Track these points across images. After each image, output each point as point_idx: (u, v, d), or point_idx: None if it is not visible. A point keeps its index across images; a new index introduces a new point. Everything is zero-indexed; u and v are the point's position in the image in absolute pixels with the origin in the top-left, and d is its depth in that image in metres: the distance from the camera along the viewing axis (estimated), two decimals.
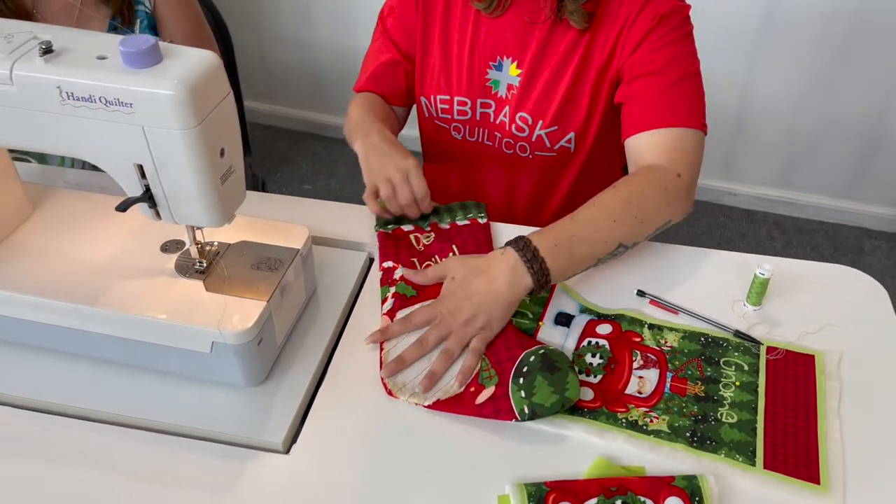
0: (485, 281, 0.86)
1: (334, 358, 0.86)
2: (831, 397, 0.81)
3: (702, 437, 0.77)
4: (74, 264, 0.84)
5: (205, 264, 0.83)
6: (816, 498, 0.72)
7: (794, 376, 0.83)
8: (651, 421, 0.79)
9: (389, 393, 0.81)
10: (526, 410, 0.76)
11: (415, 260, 0.97)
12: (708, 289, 0.95)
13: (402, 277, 0.93)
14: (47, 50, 0.66)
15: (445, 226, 1.03)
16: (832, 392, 0.82)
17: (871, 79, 2.13)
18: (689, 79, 1.03)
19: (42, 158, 1.28)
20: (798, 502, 0.71)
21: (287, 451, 0.76)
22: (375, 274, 0.97)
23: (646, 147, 1.00)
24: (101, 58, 0.67)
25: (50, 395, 0.80)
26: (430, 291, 0.92)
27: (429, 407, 0.80)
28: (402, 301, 0.91)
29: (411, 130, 1.28)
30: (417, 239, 1.01)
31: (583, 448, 0.76)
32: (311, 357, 0.85)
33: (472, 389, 0.81)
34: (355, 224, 1.04)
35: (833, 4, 2.03)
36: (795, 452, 0.76)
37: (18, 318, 0.81)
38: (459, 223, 1.03)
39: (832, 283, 0.96)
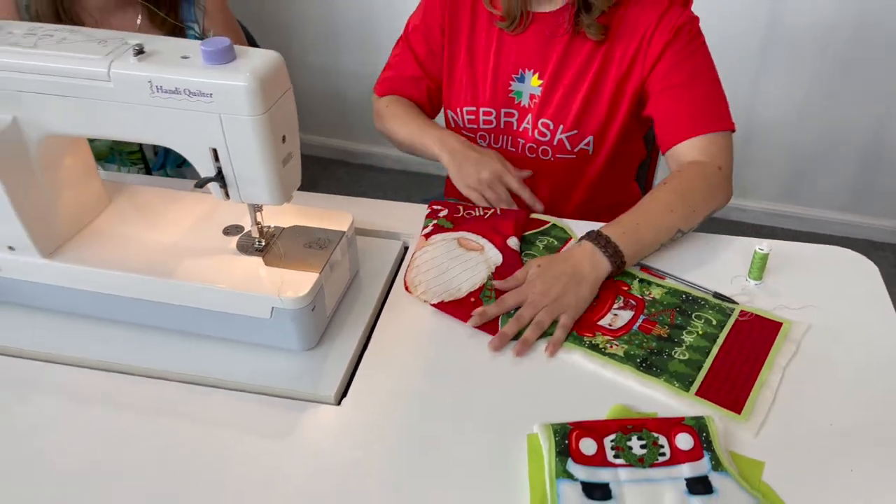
0: (569, 266, 0.98)
1: (376, 328, 0.96)
2: (783, 356, 0.90)
3: (650, 365, 0.88)
4: (148, 246, 0.95)
5: (263, 243, 0.94)
6: (734, 423, 0.82)
7: (757, 336, 0.93)
8: (610, 347, 0.91)
9: (407, 289, 1.00)
10: None
11: (460, 207, 1.14)
12: (713, 266, 1.04)
13: (447, 216, 1.10)
14: (139, 51, 0.78)
15: None
16: (786, 352, 0.91)
17: (873, 92, 2.22)
18: (713, 85, 1.16)
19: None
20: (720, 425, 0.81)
21: (338, 403, 0.86)
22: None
23: (687, 152, 1.13)
24: (185, 57, 0.79)
25: (132, 359, 0.91)
26: (466, 224, 1.10)
27: (433, 306, 0.97)
28: (438, 229, 1.09)
29: None
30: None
31: (602, 395, 0.85)
32: (357, 326, 0.96)
33: (473, 300, 0.96)
34: (391, 217, 1.15)
35: (832, 22, 2.14)
36: (729, 388, 0.86)
37: (102, 292, 0.92)
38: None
39: (829, 263, 1.06)
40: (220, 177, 0.84)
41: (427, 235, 1.08)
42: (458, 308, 0.96)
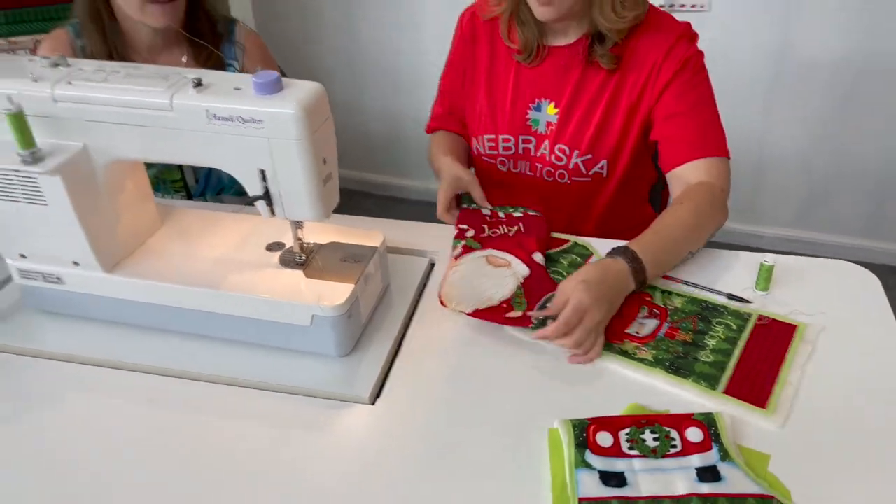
0: (611, 284, 1.02)
1: (406, 337, 1.04)
2: (801, 355, 0.97)
3: (678, 367, 0.95)
4: (198, 262, 1.04)
5: (304, 258, 1.02)
6: (761, 418, 0.88)
7: (775, 338, 1.00)
8: (639, 352, 0.98)
9: (442, 303, 1.04)
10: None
11: (485, 226, 1.22)
12: (722, 279, 1.11)
13: (474, 237, 1.18)
14: (198, 84, 0.88)
15: (518, 214, 1.26)
16: (803, 352, 0.97)
17: (884, 114, 2.28)
18: (714, 115, 1.24)
19: None
20: (748, 419, 0.88)
21: (373, 403, 0.93)
22: (437, 275, 1.16)
23: (692, 172, 1.20)
24: (237, 88, 0.88)
25: (184, 365, 0.99)
26: (492, 243, 1.17)
27: (469, 314, 1.02)
28: (467, 250, 1.16)
29: None
30: (493, 213, 1.26)
31: (618, 394, 0.92)
32: (388, 335, 1.03)
33: (505, 306, 1.03)
34: (418, 237, 1.24)
35: (843, 48, 2.21)
36: (752, 386, 0.92)
37: (158, 304, 1.01)
38: (530, 213, 1.26)
39: (831, 275, 1.13)
40: (267, 195, 0.93)
41: (457, 257, 1.15)
42: (492, 313, 1.03)
